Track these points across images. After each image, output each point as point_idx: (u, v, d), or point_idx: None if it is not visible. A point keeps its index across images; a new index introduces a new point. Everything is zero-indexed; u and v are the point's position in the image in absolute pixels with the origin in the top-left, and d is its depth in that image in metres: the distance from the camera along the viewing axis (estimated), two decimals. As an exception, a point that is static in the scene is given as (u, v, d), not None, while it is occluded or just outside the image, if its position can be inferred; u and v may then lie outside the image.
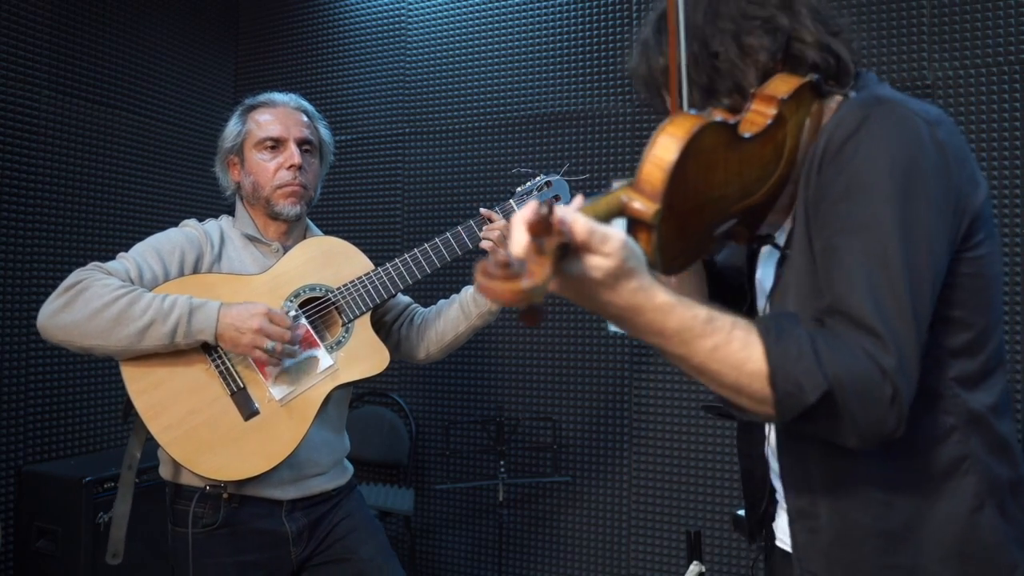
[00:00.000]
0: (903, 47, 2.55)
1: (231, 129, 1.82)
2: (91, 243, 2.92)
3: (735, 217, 0.96)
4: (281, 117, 1.80)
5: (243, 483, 1.64)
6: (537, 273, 0.66)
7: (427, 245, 1.78)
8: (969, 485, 0.93)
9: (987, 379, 0.96)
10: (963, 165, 0.92)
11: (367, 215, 3.42)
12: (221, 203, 3.38)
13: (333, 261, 1.78)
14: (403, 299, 1.98)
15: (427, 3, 3.33)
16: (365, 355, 1.73)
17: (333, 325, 1.76)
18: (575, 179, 1.91)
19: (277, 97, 1.84)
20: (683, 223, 0.87)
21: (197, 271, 1.70)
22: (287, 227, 1.82)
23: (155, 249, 1.69)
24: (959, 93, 2.48)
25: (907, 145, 0.88)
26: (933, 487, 0.93)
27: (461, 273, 2.67)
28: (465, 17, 3.25)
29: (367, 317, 1.75)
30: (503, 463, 2.72)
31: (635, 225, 0.82)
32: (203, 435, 1.61)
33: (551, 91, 3.07)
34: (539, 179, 1.86)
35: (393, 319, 1.94)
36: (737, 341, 0.82)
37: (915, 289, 0.85)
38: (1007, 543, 0.93)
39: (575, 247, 0.74)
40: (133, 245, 1.71)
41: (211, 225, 1.80)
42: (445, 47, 3.29)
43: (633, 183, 0.83)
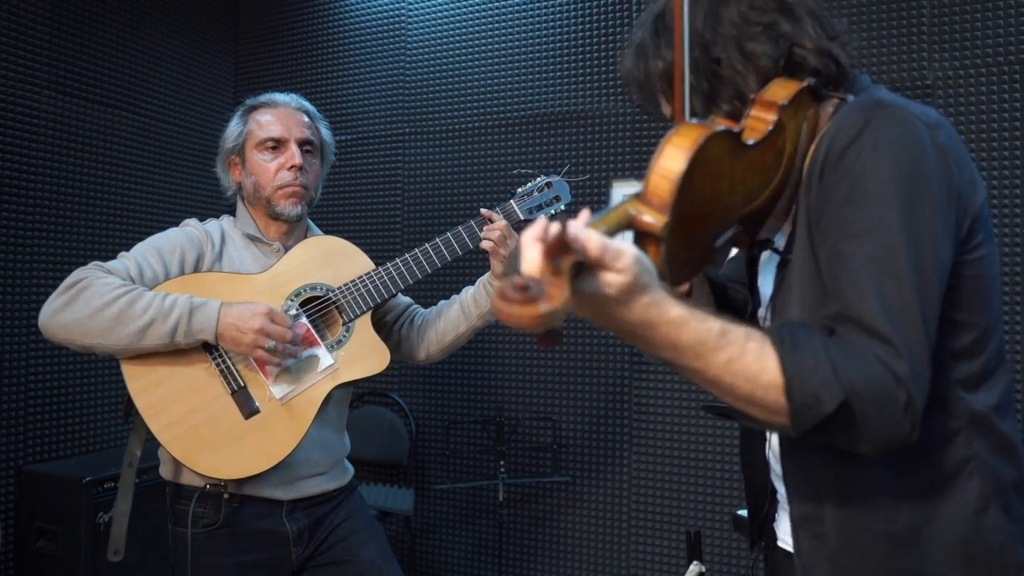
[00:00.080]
0: (903, 47, 2.55)
1: (232, 129, 1.82)
2: (91, 243, 2.92)
3: (738, 224, 0.96)
4: (282, 117, 1.80)
5: (244, 482, 1.64)
6: (556, 296, 0.64)
7: (428, 245, 1.78)
8: (974, 487, 0.92)
9: (989, 379, 0.96)
10: (963, 167, 0.92)
11: (367, 215, 3.42)
12: (221, 203, 3.37)
13: (334, 260, 1.78)
14: (404, 299, 1.98)
15: (427, 3, 3.33)
16: (366, 354, 1.73)
17: (334, 324, 1.76)
18: (575, 180, 1.91)
19: (278, 97, 1.84)
20: (690, 233, 0.86)
21: (198, 270, 1.70)
22: (288, 227, 1.82)
23: (156, 248, 1.69)
24: (959, 93, 2.48)
25: (909, 149, 0.88)
26: (938, 490, 0.93)
27: (462, 273, 2.67)
28: (465, 17, 3.26)
29: (368, 316, 1.75)
30: (503, 463, 2.72)
31: (643, 238, 0.80)
32: (203, 434, 1.61)
33: (551, 91, 3.07)
34: (540, 180, 1.85)
35: (394, 319, 1.94)
36: (751, 353, 0.81)
37: (923, 293, 0.85)
38: (1012, 543, 0.93)
39: (588, 264, 0.72)
40: (133, 245, 1.71)
41: (212, 225, 1.80)
42: (445, 47, 3.29)
43: (640, 195, 0.81)
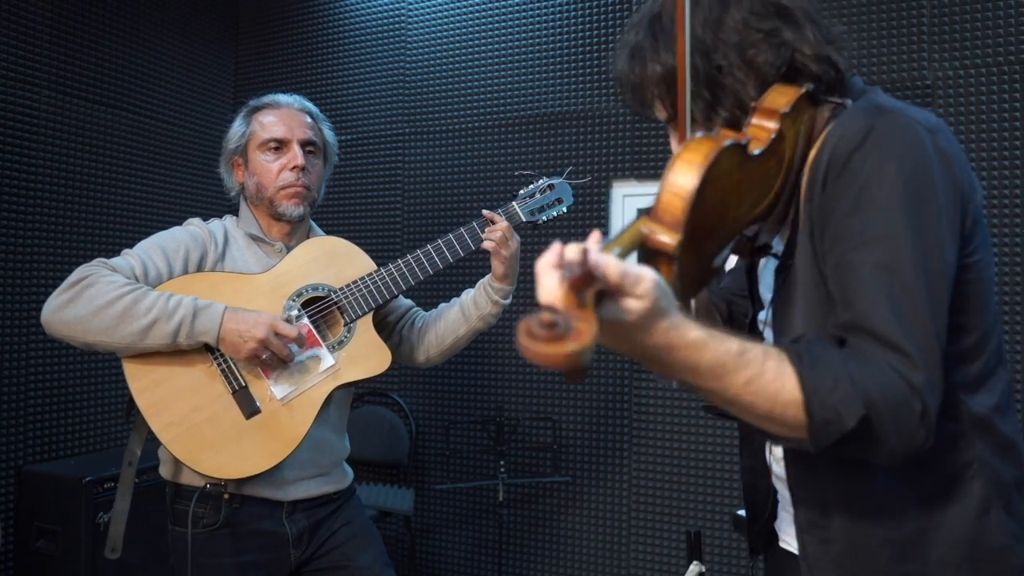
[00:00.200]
0: (903, 47, 2.56)
1: (235, 130, 1.82)
2: (91, 243, 2.92)
3: (742, 233, 0.96)
4: (285, 118, 1.80)
5: (244, 483, 1.64)
6: (584, 332, 0.62)
7: (430, 246, 1.78)
8: (976, 489, 0.93)
9: (988, 380, 0.96)
10: (964, 170, 0.93)
11: (367, 215, 3.42)
12: (221, 203, 3.37)
13: (336, 261, 1.78)
14: (405, 302, 1.98)
15: (427, 3, 3.33)
16: (367, 355, 1.73)
17: (335, 325, 1.76)
18: (577, 182, 1.91)
19: (281, 98, 1.84)
20: (700, 247, 0.86)
21: (201, 269, 1.70)
22: (290, 228, 1.82)
23: (160, 247, 1.69)
24: (959, 93, 2.48)
25: (914, 155, 0.88)
26: (942, 494, 0.94)
27: (462, 275, 2.67)
28: (465, 17, 3.26)
29: (369, 317, 1.75)
30: (503, 463, 2.72)
31: (656, 256, 0.79)
32: (204, 433, 1.61)
33: (551, 91, 3.07)
34: (542, 182, 1.85)
35: (394, 322, 1.94)
36: (770, 372, 0.81)
37: (933, 300, 0.85)
38: (1015, 543, 0.93)
39: (606, 290, 0.71)
40: (133, 245, 1.71)
41: (215, 224, 1.80)
42: (445, 47, 3.29)
43: (651, 212, 0.80)
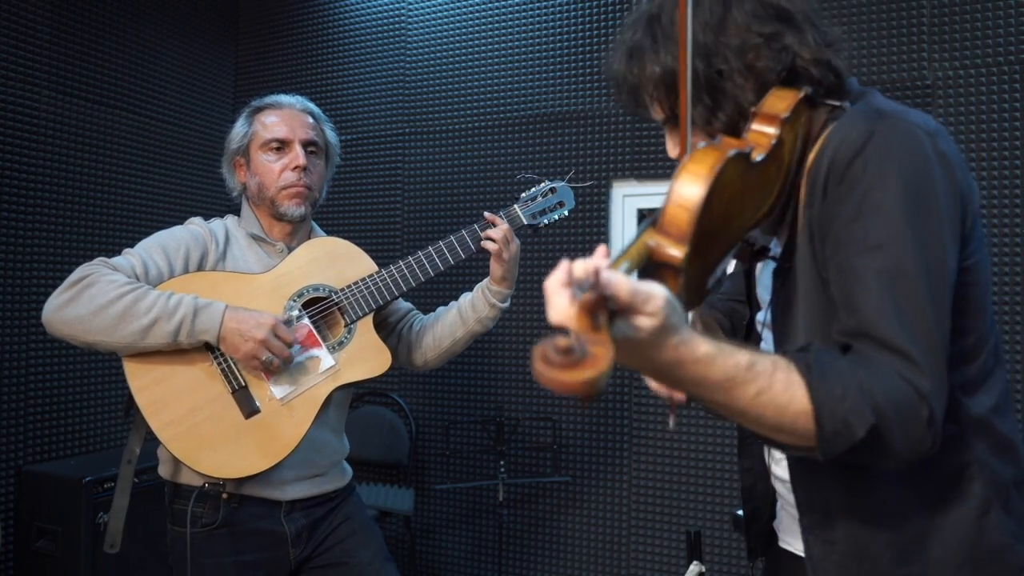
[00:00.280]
0: (903, 47, 2.56)
1: (238, 130, 1.83)
2: (91, 243, 2.92)
3: (744, 239, 0.96)
4: (287, 119, 1.80)
5: (242, 482, 1.64)
6: (601, 357, 0.62)
7: (431, 248, 1.79)
8: (976, 490, 0.93)
9: (987, 380, 0.96)
10: (964, 173, 0.93)
11: (367, 215, 3.42)
12: (221, 203, 3.37)
13: (337, 262, 1.79)
14: (404, 305, 1.98)
15: (427, 3, 3.33)
16: (367, 356, 1.73)
17: (335, 326, 1.76)
18: (579, 185, 1.91)
19: (283, 99, 1.84)
20: (705, 258, 0.86)
21: (201, 268, 1.70)
22: (292, 228, 1.82)
23: (161, 246, 1.69)
24: (959, 93, 2.48)
25: (915, 160, 0.88)
26: (942, 496, 0.94)
27: (462, 279, 2.67)
28: (465, 17, 3.26)
29: (369, 319, 1.75)
30: (503, 463, 2.72)
31: (662, 268, 0.79)
32: (204, 432, 1.61)
33: (551, 91, 3.07)
34: (543, 185, 1.86)
35: (393, 324, 1.94)
36: (779, 383, 0.81)
37: (937, 305, 0.85)
38: (1015, 543, 0.93)
39: (617, 309, 0.70)
40: (133, 245, 1.71)
41: (216, 224, 1.81)
42: (445, 47, 3.29)
43: (657, 225, 0.80)
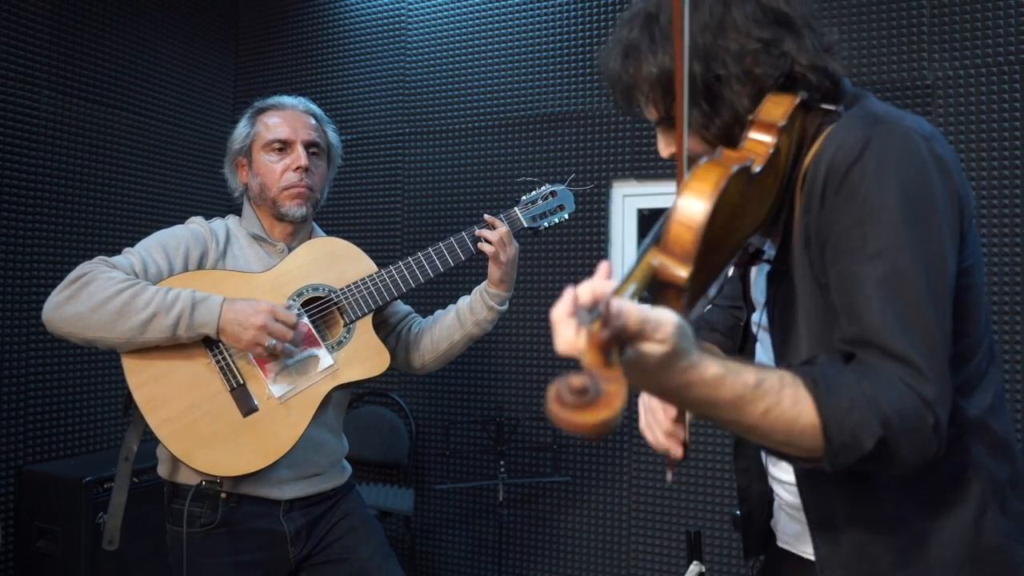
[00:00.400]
0: (903, 47, 2.55)
1: (240, 131, 1.84)
2: (91, 243, 2.92)
3: (743, 246, 0.96)
4: (289, 120, 1.81)
5: (240, 481, 1.64)
6: (615, 395, 0.62)
7: (431, 249, 1.79)
8: (974, 492, 0.93)
9: (983, 381, 0.96)
10: (960, 175, 0.93)
11: (367, 215, 3.42)
12: (221, 203, 3.38)
13: (337, 262, 1.79)
14: (403, 308, 1.99)
15: (427, 3, 3.33)
16: (365, 356, 1.73)
17: (335, 325, 1.77)
18: (580, 189, 1.91)
19: (286, 100, 1.85)
20: (707, 271, 0.86)
21: (201, 267, 1.71)
22: (293, 228, 1.83)
23: (160, 245, 1.70)
24: (959, 93, 2.48)
25: (912, 165, 0.88)
26: (940, 498, 0.94)
27: (462, 281, 2.67)
28: (465, 17, 3.26)
29: (369, 319, 1.76)
30: (503, 463, 2.72)
31: (665, 287, 0.79)
32: (201, 430, 1.61)
33: (551, 91, 3.07)
34: (544, 188, 1.86)
35: (392, 327, 1.94)
36: (787, 400, 0.81)
37: (938, 311, 0.85)
38: (1011, 543, 0.94)
39: (627, 337, 0.70)
40: (133, 245, 1.71)
41: (217, 223, 1.81)
42: (445, 47, 3.29)
43: (660, 243, 0.79)
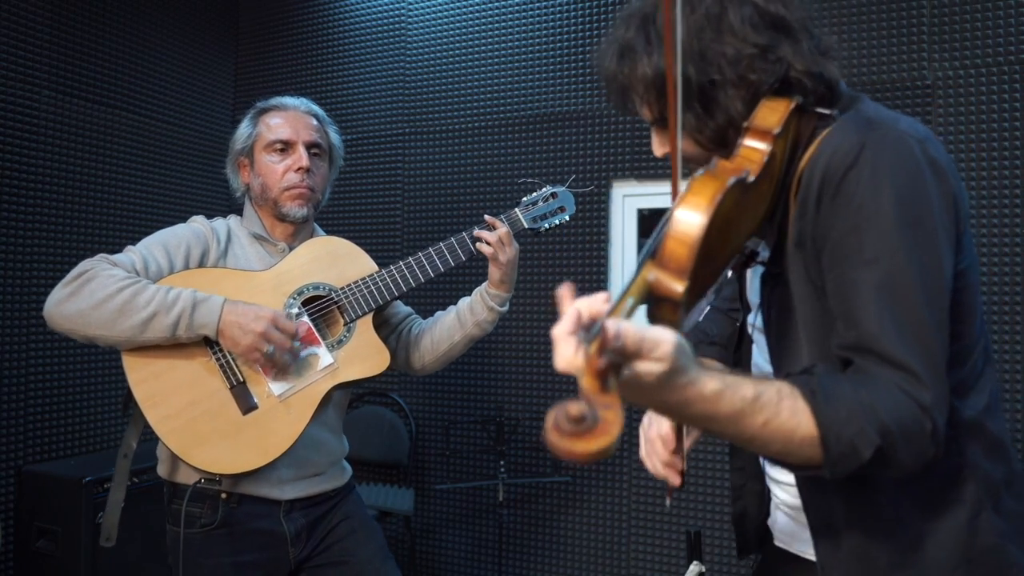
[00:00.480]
0: (903, 47, 2.56)
1: (242, 131, 1.84)
2: (91, 243, 2.92)
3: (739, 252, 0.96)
4: (291, 120, 1.81)
5: (240, 481, 1.64)
6: (612, 422, 0.62)
7: (431, 249, 1.79)
8: (969, 492, 0.94)
9: (979, 381, 0.96)
10: (955, 177, 0.93)
11: (367, 215, 3.42)
12: (221, 203, 3.38)
13: (338, 261, 1.79)
14: (403, 309, 1.99)
15: (427, 3, 3.33)
16: (366, 355, 1.73)
17: (335, 324, 1.77)
18: (580, 191, 1.91)
19: (288, 101, 1.86)
20: (701, 283, 0.86)
21: (202, 266, 1.71)
22: (294, 229, 1.83)
23: (161, 243, 1.70)
24: (959, 93, 2.48)
25: (907, 169, 0.88)
26: (937, 499, 0.94)
27: (462, 282, 2.67)
28: (465, 17, 3.26)
29: (369, 318, 1.76)
30: (503, 463, 2.72)
31: (662, 302, 0.79)
32: (200, 427, 1.61)
33: (551, 91, 3.07)
34: (545, 190, 1.86)
35: (393, 327, 1.94)
36: (786, 411, 0.81)
37: (935, 315, 0.86)
38: (1005, 543, 0.94)
39: (626, 357, 0.70)
40: (134, 245, 1.72)
41: (219, 222, 1.82)
42: (445, 47, 3.29)
43: (656, 258, 0.79)
